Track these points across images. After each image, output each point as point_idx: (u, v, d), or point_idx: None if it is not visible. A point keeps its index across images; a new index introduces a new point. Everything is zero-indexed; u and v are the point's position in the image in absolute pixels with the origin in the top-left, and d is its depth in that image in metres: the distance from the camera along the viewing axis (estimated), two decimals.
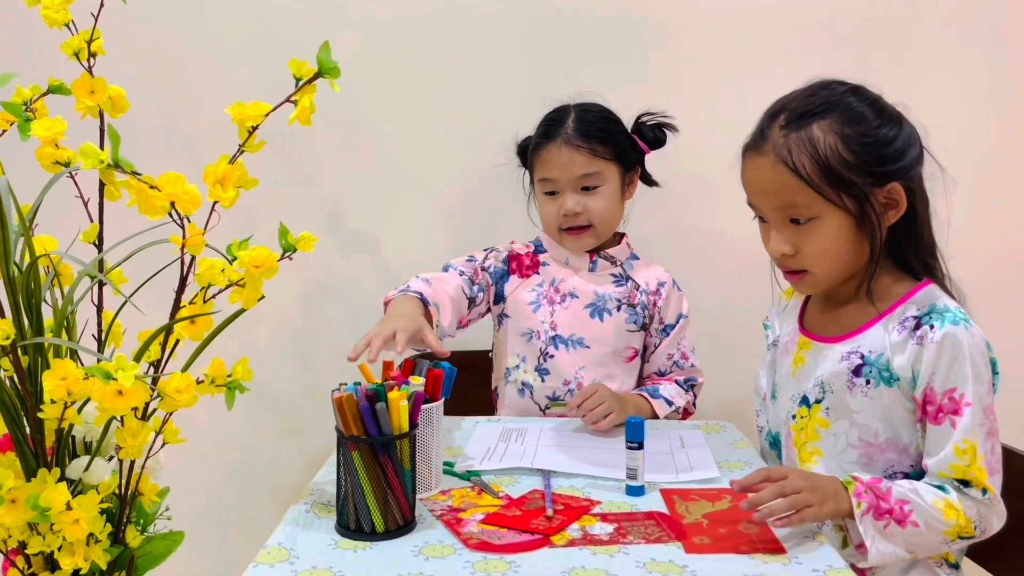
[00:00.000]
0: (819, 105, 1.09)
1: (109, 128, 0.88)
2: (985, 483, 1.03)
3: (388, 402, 0.96)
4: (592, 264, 1.51)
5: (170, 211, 0.90)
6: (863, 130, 1.07)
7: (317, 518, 1.02)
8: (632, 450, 1.09)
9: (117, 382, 0.89)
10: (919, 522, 1.02)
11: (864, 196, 1.07)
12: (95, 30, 1.05)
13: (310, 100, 0.94)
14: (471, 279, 1.48)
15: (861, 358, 1.11)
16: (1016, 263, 1.73)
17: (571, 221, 1.46)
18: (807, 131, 1.07)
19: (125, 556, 1.08)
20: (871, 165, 1.07)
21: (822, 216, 1.08)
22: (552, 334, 1.49)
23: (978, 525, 1.04)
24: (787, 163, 1.07)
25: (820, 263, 1.12)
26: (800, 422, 1.18)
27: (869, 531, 1.01)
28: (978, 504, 1.04)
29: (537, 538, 0.95)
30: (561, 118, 1.47)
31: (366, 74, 1.71)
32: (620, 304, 1.49)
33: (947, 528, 1.03)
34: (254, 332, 1.76)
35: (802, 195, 1.07)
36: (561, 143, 1.44)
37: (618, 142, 1.48)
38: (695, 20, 1.70)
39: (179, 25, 1.71)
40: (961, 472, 1.04)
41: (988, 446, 1.04)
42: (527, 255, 1.55)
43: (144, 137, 1.66)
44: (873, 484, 1.03)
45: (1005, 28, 1.68)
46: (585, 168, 1.44)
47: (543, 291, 1.51)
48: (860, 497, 1.01)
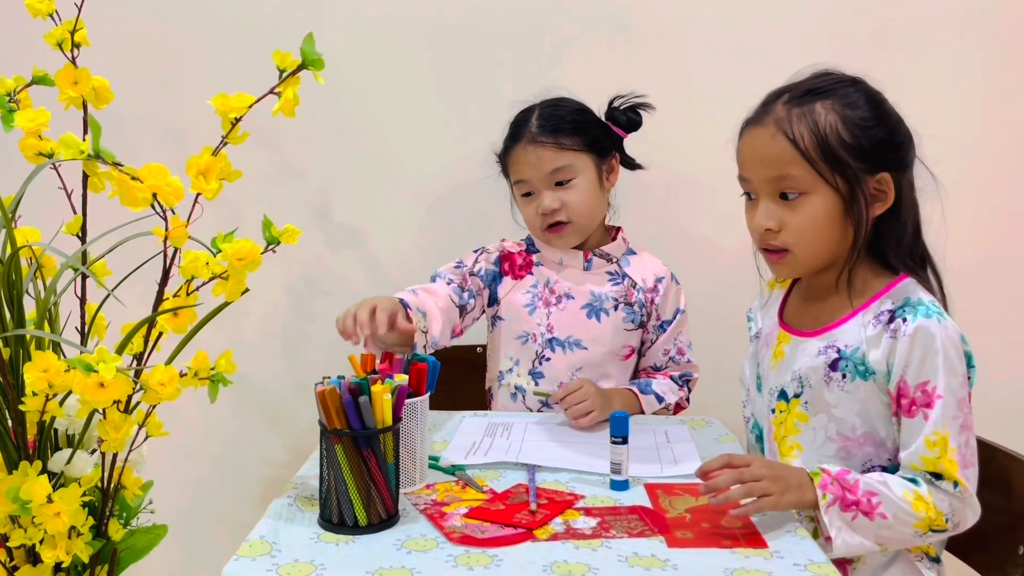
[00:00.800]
0: (824, 85, 1.11)
1: (90, 119, 0.87)
2: (956, 476, 1.03)
3: (371, 396, 0.96)
4: (587, 263, 1.50)
5: (152, 203, 0.90)
6: (863, 115, 1.09)
7: (300, 512, 1.01)
8: (616, 444, 1.09)
9: (98, 374, 0.88)
10: (887, 514, 1.02)
11: (856, 180, 1.08)
12: (78, 20, 1.04)
13: (294, 92, 0.94)
14: (460, 286, 1.47)
15: (837, 352, 1.12)
16: (1002, 264, 1.73)
17: (550, 219, 1.45)
18: (810, 107, 1.09)
19: (108, 549, 1.08)
20: (867, 151, 1.08)
21: (812, 193, 1.09)
22: (548, 336, 1.47)
23: (950, 518, 1.04)
24: (787, 133, 1.08)
25: (803, 242, 1.11)
26: (779, 416, 1.18)
27: (835, 522, 1.01)
28: (950, 497, 1.04)
29: (520, 532, 0.95)
30: (525, 118, 1.46)
31: (354, 68, 1.70)
32: (617, 303, 1.48)
33: (916, 521, 1.03)
34: (241, 326, 1.75)
35: (797, 167, 1.08)
36: (526, 143, 1.44)
37: (587, 131, 1.45)
38: (686, 19, 1.70)
39: (167, 17, 1.71)
40: (932, 464, 1.04)
41: (962, 439, 1.05)
42: (519, 254, 1.53)
43: (131, 129, 1.66)
44: (840, 476, 1.04)
45: (993, 32, 1.68)
46: (553, 163, 1.43)
47: (538, 292, 1.49)
48: (825, 488, 1.02)
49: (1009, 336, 1.72)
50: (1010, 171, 1.72)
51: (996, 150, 1.71)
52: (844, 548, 1.01)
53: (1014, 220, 1.74)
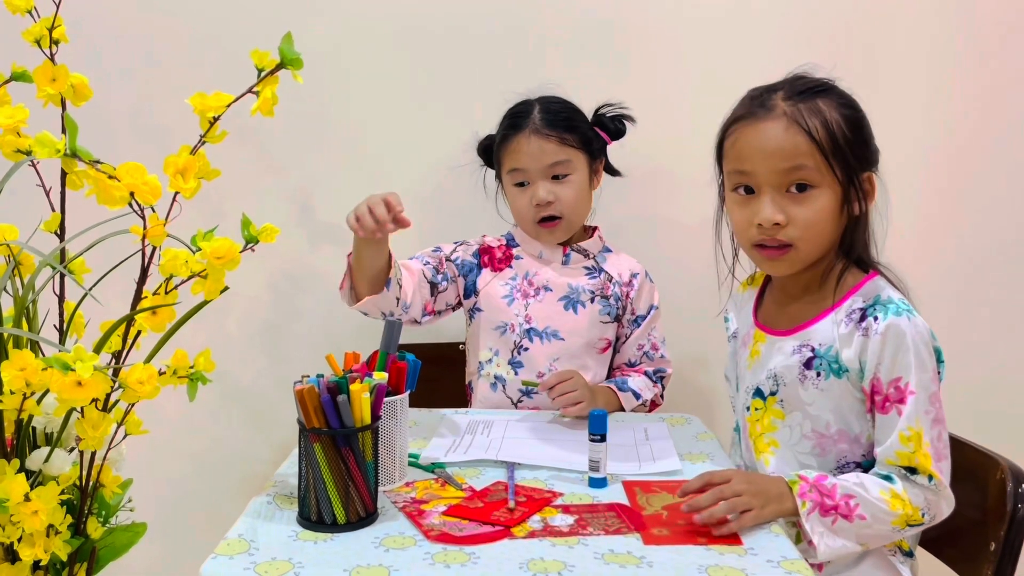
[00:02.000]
0: (816, 85, 1.12)
1: (66, 117, 0.87)
2: (930, 469, 1.05)
3: (350, 394, 0.96)
4: (565, 257, 1.52)
5: (130, 201, 0.90)
6: (855, 115, 1.11)
7: (279, 510, 1.02)
8: (595, 442, 1.10)
9: (75, 373, 0.88)
10: (866, 515, 1.04)
11: (854, 176, 1.10)
12: (56, 17, 1.04)
13: (272, 91, 0.94)
14: (435, 268, 1.50)
15: (812, 351, 1.13)
16: (962, 261, 1.75)
17: (543, 211, 1.47)
18: (813, 103, 1.10)
19: (86, 547, 1.08)
20: (862, 147, 1.11)
21: (820, 187, 1.10)
22: (526, 327, 1.50)
23: (926, 512, 1.06)
24: (802, 125, 1.09)
25: (807, 236, 1.11)
26: (755, 414, 1.19)
27: (816, 528, 1.02)
28: (925, 491, 1.06)
29: (498, 530, 0.96)
30: (526, 110, 1.48)
31: (337, 66, 1.70)
32: (594, 296, 1.51)
33: (894, 518, 1.04)
34: (223, 323, 1.75)
35: (811, 158, 1.09)
36: (530, 133, 1.46)
37: (583, 131, 1.50)
38: (661, 19, 1.71)
39: (152, 15, 1.70)
40: (906, 459, 1.06)
41: (935, 433, 1.06)
42: (499, 248, 1.56)
43: (117, 127, 1.66)
44: (818, 482, 1.05)
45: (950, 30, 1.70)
46: (555, 156, 1.46)
47: (517, 284, 1.52)
48: (804, 496, 1.03)
49: (978, 331, 1.74)
50: (958, 169, 1.74)
51: (949, 150, 1.73)
52: (827, 553, 1.03)
53: (965, 215, 1.75)
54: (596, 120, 1.52)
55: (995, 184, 1.74)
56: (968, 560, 1.14)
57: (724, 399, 1.39)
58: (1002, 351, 1.76)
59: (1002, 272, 1.76)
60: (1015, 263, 1.76)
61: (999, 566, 1.06)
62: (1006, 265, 1.76)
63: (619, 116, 1.53)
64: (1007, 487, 1.07)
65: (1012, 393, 1.76)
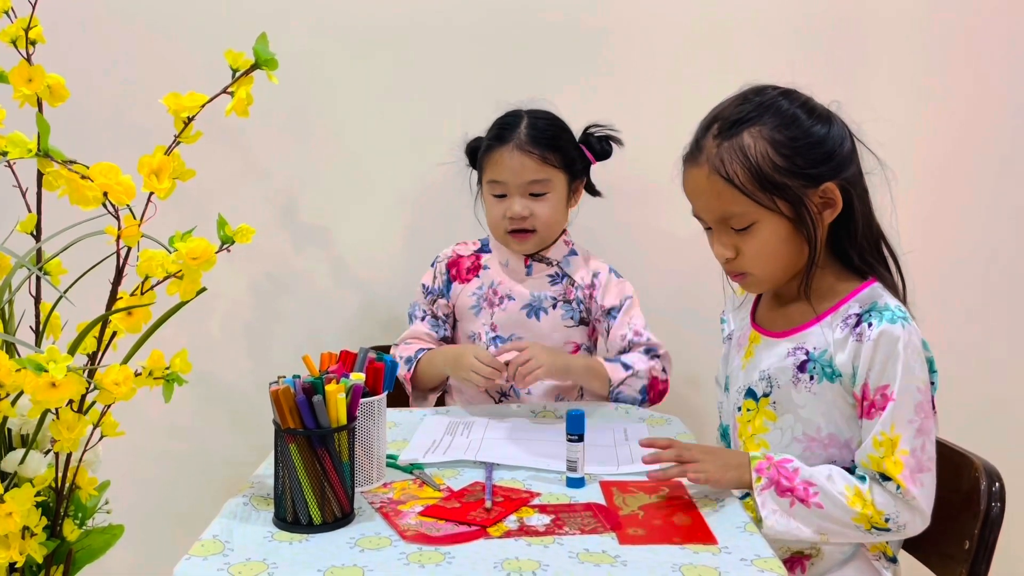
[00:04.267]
0: (750, 112, 1.11)
1: (38, 117, 0.87)
2: (897, 477, 1.05)
3: (325, 395, 0.96)
4: (527, 268, 1.54)
5: (104, 202, 0.90)
6: (793, 133, 1.10)
7: (255, 511, 1.02)
8: (572, 442, 1.10)
9: (49, 374, 0.88)
10: (823, 504, 1.05)
11: (798, 199, 1.09)
12: (32, 17, 1.04)
13: (247, 91, 0.94)
14: (434, 315, 1.57)
15: (806, 354, 1.13)
16: (956, 257, 1.76)
17: (517, 224, 1.49)
18: (738, 139, 1.09)
19: (62, 550, 1.08)
20: (803, 168, 1.09)
21: (759, 221, 1.10)
22: (492, 335, 1.53)
23: (891, 519, 1.05)
24: (720, 173, 1.09)
25: (759, 265, 1.14)
26: (746, 415, 1.20)
27: (768, 504, 1.05)
28: (893, 498, 1.06)
29: (474, 530, 0.96)
30: (514, 122, 1.49)
31: (320, 67, 1.70)
32: (556, 301, 1.53)
33: (853, 515, 1.05)
34: (205, 325, 1.75)
35: (736, 204, 1.10)
36: (513, 147, 1.46)
37: (567, 151, 1.50)
38: (642, 27, 1.72)
39: (135, 15, 1.69)
40: (876, 463, 1.06)
41: (917, 443, 1.06)
42: (470, 256, 1.58)
43: (96, 127, 1.65)
44: (780, 463, 1.07)
45: (941, 24, 1.71)
46: (535, 174, 1.47)
47: (482, 294, 1.55)
48: (761, 472, 1.06)
49: (961, 335, 1.75)
50: (957, 164, 1.75)
51: (945, 144, 1.74)
52: (774, 530, 1.04)
53: (964, 214, 1.76)
54: (583, 139, 1.53)
55: (983, 185, 1.75)
56: (943, 558, 1.14)
57: (712, 408, 1.39)
58: (972, 350, 1.77)
59: (988, 273, 1.77)
60: (1005, 263, 1.77)
61: (973, 564, 1.07)
62: (995, 265, 1.77)
63: (606, 137, 1.54)
64: (981, 485, 1.08)
65: (991, 392, 1.78)
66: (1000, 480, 1.09)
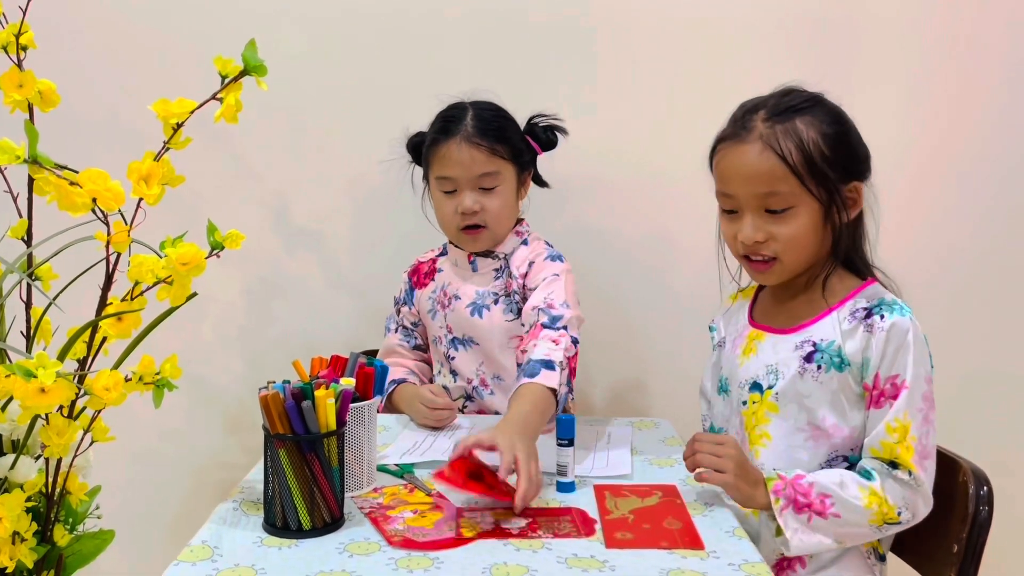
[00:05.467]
0: (800, 103, 1.15)
1: (27, 124, 0.87)
2: (910, 462, 1.07)
3: (315, 400, 0.96)
4: (471, 264, 1.51)
5: (92, 208, 0.90)
6: (838, 129, 1.14)
7: (245, 516, 1.02)
8: (562, 447, 1.10)
9: (38, 379, 0.88)
10: (840, 513, 1.06)
11: (835, 190, 1.13)
12: (23, 24, 1.04)
13: (236, 97, 0.94)
14: (404, 326, 1.60)
15: (813, 346, 1.15)
16: (941, 258, 1.76)
17: (468, 220, 1.44)
18: (791, 124, 1.13)
19: (53, 555, 1.08)
20: (843, 162, 1.14)
21: (798, 206, 1.14)
22: (450, 337, 1.51)
23: (903, 510, 1.08)
24: (776, 150, 1.12)
25: (790, 251, 1.16)
26: (752, 407, 1.21)
27: (790, 524, 1.06)
28: (904, 487, 1.08)
29: (458, 537, 0.96)
30: (459, 115, 1.45)
31: (313, 72, 1.70)
32: (497, 297, 1.48)
33: (870, 516, 1.07)
34: (198, 328, 1.75)
35: (786, 182, 1.12)
36: (461, 140, 1.42)
37: (514, 142, 1.46)
38: (630, 27, 1.71)
39: (127, 20, 1.69)
40: (889, 450, 1.08)
41: (923, 431, 1.09)
42: (428, 262, 1.58)
43: (90, 133, 1.65)
44: (795, 481, 1.08)
45: (938, 30, 1.72)
46: (484, 167, 1.42)
47: (436, 297, 1.54)
48: (779, 493, 1.07)
49: (947, 336, 1.75)
50: (944, 166, 1.75)
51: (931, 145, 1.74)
52: (801, 547, 1.06)
53: (949, 215, 1.77)
54: (528, 129, 1.50)
55: (972, 185, 1.75)
56: (931, 561, 1.14)
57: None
58: (959, 352, 1.76)
59: (977, 274, 1.77)
60: (993, 264, 1.77)
61: (962, 567, 1.07)
62: (983, 266, 1.77)
63: (551, 127, 1.50)
64: (969, 489, 1.09)
65: (980, 395, 1.78)
66: (988, 484, 1.09)
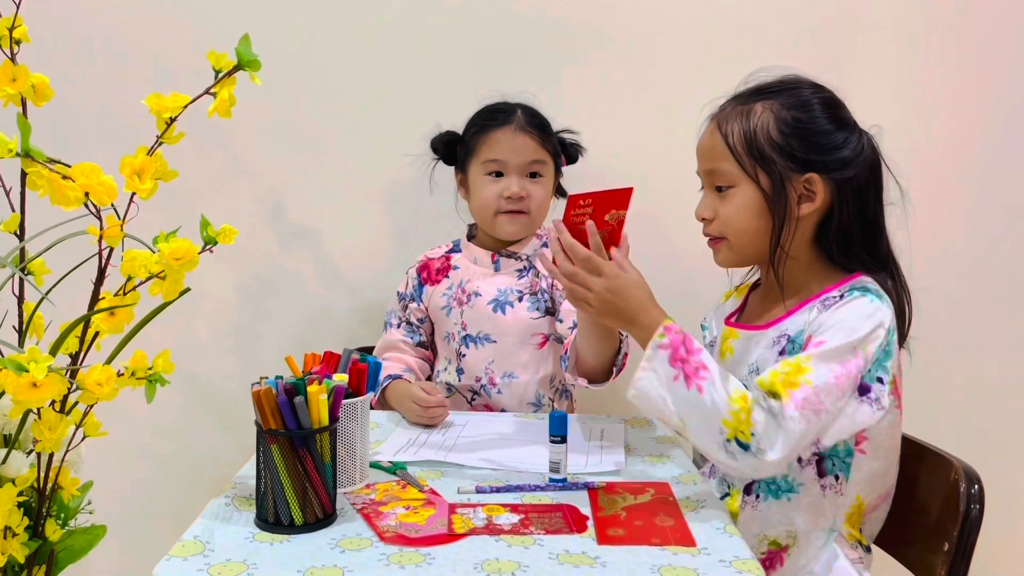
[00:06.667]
0: (772, 87, 1.17)
1: (19, 117, 0.87)
2: (785, 392, 1.02)
3: (307, 396, 0.96)
4: (495, 264, 1.55)
5: (85, 202, 0.90)
6: (798, 116, 1.14)
7: (238, 511, 1.02)
8: (555, 444, 1.11)
9: (30, 374, 0.88)
10: (704, 389, 1.03)
11: (780, 178, 1.13)
12: (16, 17, 1.04)
13: (229, 92, 0.94)
14: (408, 322, 1.58)
15: (788, 339, 1.15)
16: (942, 258, 1.77)
17: (513, 204, 1.50)
18: (749, 106, 1.16)
19: (45, 550, 1.07)
20: (794, 150, 1.13)
21: (738, 186, 1.16)
22: (463, 334, 1.53)
23: (756, 432, 1.02)
24: (720, 129, 1.16)
25: (731, 231, 1.18)
26: None
27: (653, 362, 1.05)
28: (768, 416, 1.02)
29: (450, 532, 0.96)
30: (509, 108, 1.53)
31: (307, 68, 1.71)
32: (522, 295, 1.53)
33: (725, 415, 1.02)
34: (193, 325, 1.75)
35: (725, 161, 1.16)
36: (515, 127, 1.50)
37: (555, 141, 1.55)
38: (624, 26, 1.72)
39: (122, 15, 1.69)
40: (771, 380, 1.04)
41: (823, 386, 1.03)
42: (440, 259, 1.60)
43: (86, 126, 1.65)
44: (689, 338, 1.07)
45: (927, 24, 1.72)
46: (535, 154, 1.50)
47: (452, 294, 1.56)
48: (669, 333, 1.06)
49: (943, 334, 1.76)
50: (945, 165, 1.76)
51: (951, 151, 1.75)
52: (642, 388, 1.05)
53: (950, 215, 1.77)
54: (559, 140, 1.58)
55: (971, 186, 1.76)
56: (923, 559, 1.15)
57: None
58: (952, 351, 1.77)
59: (976, 273, 1.78)
60: (993, 264, 1.78)
61: (952, 565, 1.08)
62: (982, 266, 1.78)
63: (575, 144, 1.59)
64: (960, 487, 1.09)
65: (971, 394, 1.79)
66: (979, 482, 1.09)
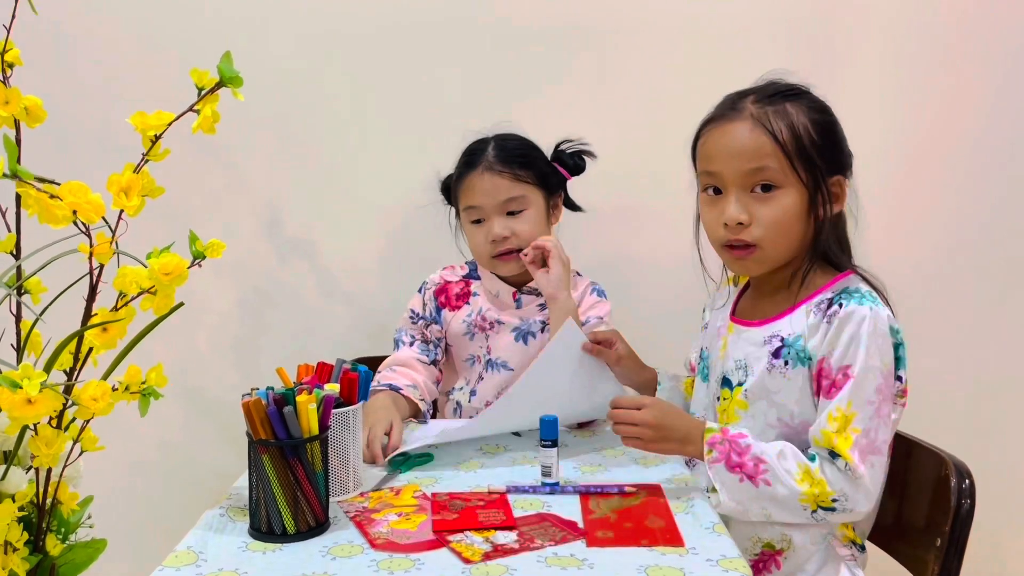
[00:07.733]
0: (787, 89, 1.16)
1: (4, 139, 0.89)
2: (847, 453, 1.05)
3: (296, 406, 0.98)
4: (516, 301, 1.53)
5: (74, 220, 0.91)
6: (826, 119, 1.15)
7: (231, 521, 1.03)
8: (546, 448, 1.11)
9: (24, 391, 0.89)
10: (771, 482, 1.06)
11: (821, 179, 1.13)
12: (8, 41, 1.06)
13: (212, 109, 0.96)
14: (425, 340, 1.54)
15: (781, 341, 1.15)
16: (928, 255, 1.76)
17: (500, 246, 1.47)
18: (781, 107, 1.14)
19: (45, 564, 1.09)
20: (831, 151, 1.14)
21: (784, 187, 1.13)
22: (488, 358, 1.52)
23: (839, 499, 1.06)
24: (766, 127, 1.13)
25: (771, 236, 1.14)
26: (723, 403, 1.22)
27: (719, 477, 1.07)
28: (842, 475, 1.06)
29: (440, 538, 0.97)
30: (480, 148, 1.50)
31: (304, 81, 1.72)
32: (544, 325, 1.50)
33: (800, 495, 1.06)
34: (192, 338, 1.76)
35: (775, 159, 1.12)
36: (483, 170, 1.47)
37: (538, 167, 1.50)
38: (621, 34, 1.73)
39: (116, 33, 1.71)
40: (828, 439, 1.07)
41: (872, 425, 1.07)
42: (459, 283, 1.57)
43: (79, 146, 1.67)
44: (734, 438, 1.08)
45: (926, 31, 1.72)
46: (509, 192, 1.46)
47: (472, 321, 1.53)
48: (714, 446, 1.07)
49: (929, 331, 1.75)
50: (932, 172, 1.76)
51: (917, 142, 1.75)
52: (724, 508, 1.07)
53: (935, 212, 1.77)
54: (555, 156, 1.53)
55: (955, 183, 1.76)
56: (915, 554, 1.15)
57: None
58: (943, 347, 1.76)
59: (962, 270, 1.78)
60: (979, 261, 1.78)
61: (945, 560, 1.08)
62: (968, 262, 1.77)
63: (578, 152, 1.54)
64: (952, 483, 1.09)
65: (963, 389, 1.78)
66: (970, 477, 1.09)
